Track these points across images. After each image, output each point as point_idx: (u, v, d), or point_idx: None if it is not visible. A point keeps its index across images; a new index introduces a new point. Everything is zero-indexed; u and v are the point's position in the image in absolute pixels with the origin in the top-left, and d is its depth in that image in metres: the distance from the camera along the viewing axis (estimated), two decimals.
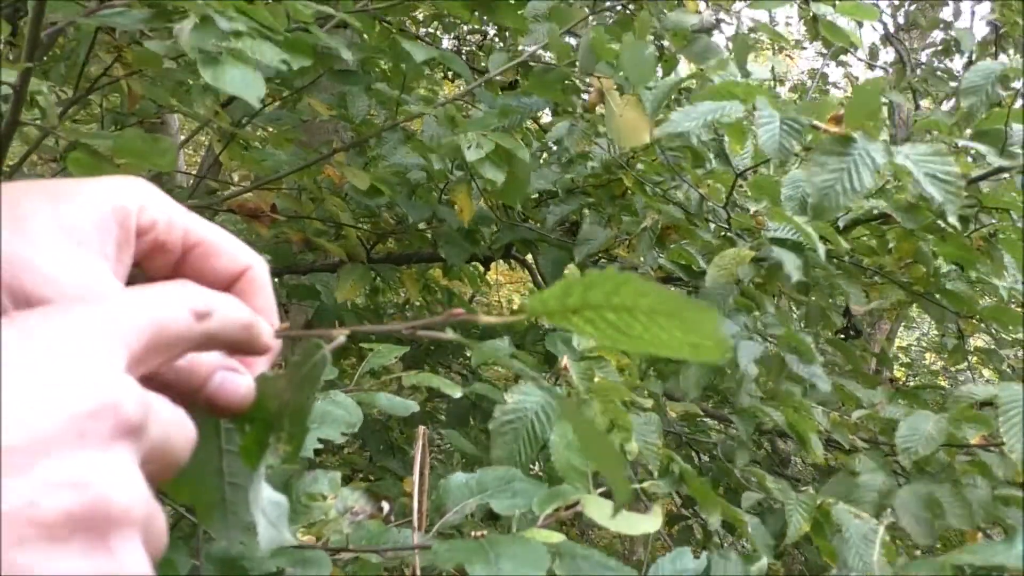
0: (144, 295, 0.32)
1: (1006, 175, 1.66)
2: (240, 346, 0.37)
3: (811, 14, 1.75)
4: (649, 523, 0.78)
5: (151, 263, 0.39)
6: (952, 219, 1.04)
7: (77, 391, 0.26)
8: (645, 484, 1.20)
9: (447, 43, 3.29)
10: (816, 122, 1.11)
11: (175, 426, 0.30)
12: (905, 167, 1.06)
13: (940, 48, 4.41)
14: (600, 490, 0.86)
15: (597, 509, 0.79)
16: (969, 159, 1.83)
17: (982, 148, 1.50)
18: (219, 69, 0.93)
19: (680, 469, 1.05)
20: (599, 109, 1.76)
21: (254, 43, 0.96)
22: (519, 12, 1.63)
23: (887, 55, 4.79)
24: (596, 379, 1.04)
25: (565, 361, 1.10)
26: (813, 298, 1.88)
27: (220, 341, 0.35)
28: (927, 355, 5.31)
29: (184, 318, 0.32)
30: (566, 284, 0.36)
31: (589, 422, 0.39)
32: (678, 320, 0.35)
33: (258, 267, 0.40)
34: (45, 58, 1.76)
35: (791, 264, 1.35)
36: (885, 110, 4.31)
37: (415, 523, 0.85)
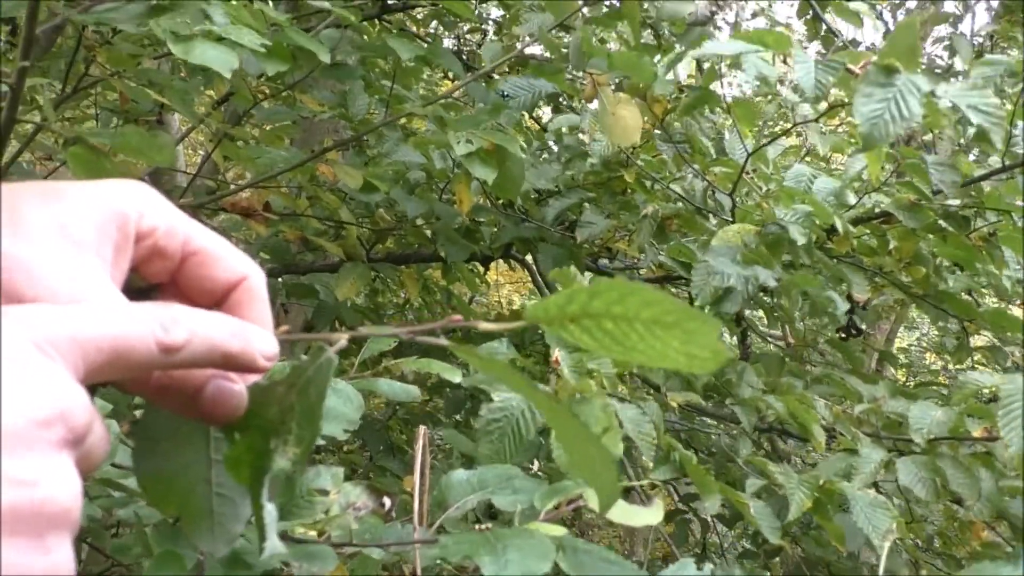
0: (115, 316, 0.32)
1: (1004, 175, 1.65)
2: (227, 368, 0.37)
3: (811, 13, 1.76)
4: (650, 515, 0.77)
5: (149, 268, 0.39)
6: (997, 143, 1.06)
7: (35, 398, 0.27)
8: (643, 482, 1.19)
9: (448, 43, 3.28)
10: (849, 65, 1.12)
11: (101, 440, 0.31)
12: (945, 103, 1.07)
13: (946, 43, 4.40)
14: None
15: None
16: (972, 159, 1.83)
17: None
18: (189, 45, 0.93)
19: (680, 456, 1.05)
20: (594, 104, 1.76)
21: (231, 28, 0.96)
22: None
23: None
24: (590, 367, 1.03)
25: (556, 354, 1.09)
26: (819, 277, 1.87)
27: (195, 367, 0.35)
28: (927, 355, 5.31)
29: (147, 347, 0.33)
30: (570, 292, 0.36)
31: (575, 422, 0.38)
32: (678, 330, 0.35)
33: (255, 277, 0.40)
34: (45, 56, 1.75)
35: (796, 230, 1.35)
36: None
37: (415, 520, 0.85)
